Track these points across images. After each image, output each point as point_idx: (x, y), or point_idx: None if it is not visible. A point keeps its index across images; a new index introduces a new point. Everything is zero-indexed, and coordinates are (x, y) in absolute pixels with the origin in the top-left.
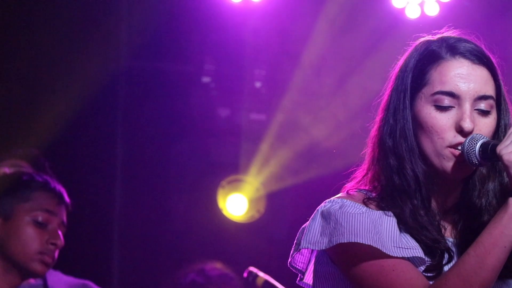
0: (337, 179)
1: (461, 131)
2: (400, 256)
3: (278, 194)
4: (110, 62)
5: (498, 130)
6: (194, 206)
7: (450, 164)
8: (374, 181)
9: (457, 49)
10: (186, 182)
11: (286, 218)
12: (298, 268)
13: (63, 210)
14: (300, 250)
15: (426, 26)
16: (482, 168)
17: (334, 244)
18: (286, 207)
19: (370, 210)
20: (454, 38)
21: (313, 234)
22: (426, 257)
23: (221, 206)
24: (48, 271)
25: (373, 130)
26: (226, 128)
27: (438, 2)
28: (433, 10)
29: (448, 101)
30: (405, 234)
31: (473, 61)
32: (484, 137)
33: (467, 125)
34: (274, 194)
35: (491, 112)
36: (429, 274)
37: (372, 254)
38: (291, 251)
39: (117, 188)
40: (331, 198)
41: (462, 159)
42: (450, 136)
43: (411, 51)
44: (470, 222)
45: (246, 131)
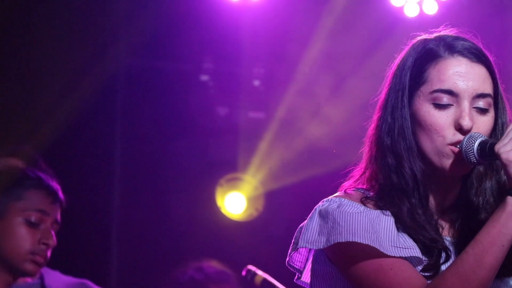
0: (335, 178)
1: (460, 129)
2: (397, 255)
3: (277, 192)
4: (109, 60)
5: (496, 128)
6: (193, 204)
7: (450, 161)
8: (372, 180)
9: (455, 47)
10: (184, 181)
11: (285, 216)
12: (296, 267)
13: (57, 209)
14: (297, 249)
15: (425, 24)
16: (479, 166)
17: (332, 243)
18: (285, 206)
19: (368, 209)
20: (451, 37)
21: (311, 233)
22: (423, 256)
23: (219, 204)
24: (45, 270)
25: (370, 128)
26: (225, 126)
27: (437, 0)
28: (431, 9)
29: (446, 99)
30: (402, 233)
31: (471, 59)
32: (482, 135)
33: (466, 123)
34: (273, 193)
35: (489, 110)
36: (426, 274)
37: (370, 253)
38: (289, 251)
39: (115, 186)
40: (329, 197)
41: (461, 157)
42: (449, 134)
43: (408, 50)
44: (467, 220)
45: (245, 130)
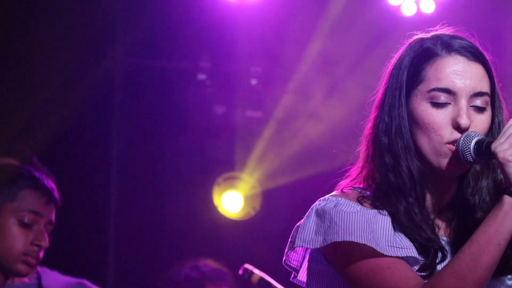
0: (332, 177)
1: (457, 128)
2: (394, 255)
3: (274, 191)
4: (106, 59)
5: (492, 127)
6: (190, 203)
7: (447, 160)
8: (369, 179)
9: (452, 45)
10: (181, 179)
11: (282, 215)
12: (293, 266)
13: (52, 209)
14: (294, 248)
15: (422, 23)
16: (476, 165)
17: (329, 242)
18: (282, 205)
19: (365, 208)
20: (448, 35)
21: (307, 233)
22: (419, 256)
23: (216, 203)
24: (43, 270)
25: (367, 128)
26: (222, 125)
27: None
28: (429, 8)
29: (444, 97)
30: (399, 233)
31: (468, 57)
32: (478, 134)
33: (464, 121)
34: (270, 192)
35: (487, 108)
36: (422, 273)
37: (366, 253)
38: (286, 250)
39: (112, 185)
40: (326, 196)
41: (458, 156)
42: (447, 132)
43: (405, 49)
44: (464, 220)
45: (242, 128)
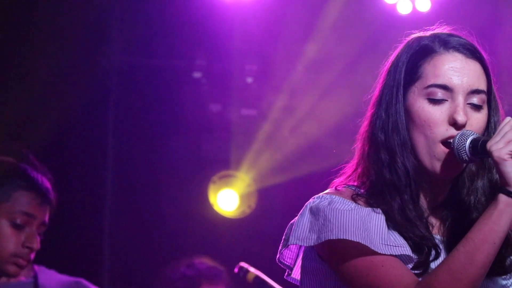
0: (329, 176)
1: (454, 124)
2: (388, 253)
3: (269, 189)
4: (101, 58)
5: (488, 126)
6: (185, 201)
7: (440, 163)
8: (363, 176)
9: (450, 43)
10: (177, 178)
11: (277, 213)
12: (286, 263)
13: (46, 210)
14: (288, 246)
15: (418, 22)
16: (471, 165)
17: (323, 240)
18: (277, 203)
19: (359, 206)
20: (446, 34)
21: (301, 230)
22: (413, 254)
23: (212, 201)
24: (40, 269)
25: (363, 126)
26: (217, 123)
27: None
28: (424, 6)
29: (441, 94)
30: (393, 231)
31: (466, 55)
32: (474, 133)
33: (461, 118)
34: (265, 190)
35: (483, 107)
36: (416, 271)
37: (361, 250)
38: (280, 247)
39: (108, 183)
40: (320, 194)
41: (452, 158)
42: (442, 129)
43: (403, 47)
44: (458, 219)
45: (237, 127)
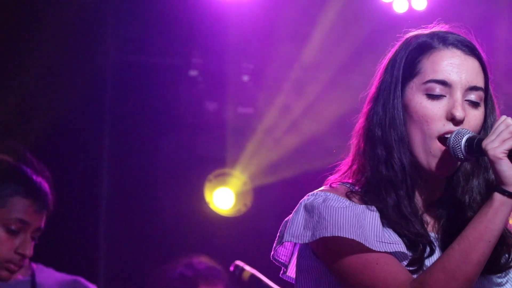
0: (325, 174)
1: (452, 119)
2: (383, 250)
3: (265, 188)
4: (97, 56)
5: (485, 125)
6: (181, 199)
7: (436, 160)
8: (358, 173)
9: (449, 39)
10: (173, 176)
11: (273, 212)
12: (281, 261)
13: (42, 216)
14: (283, 243)
15: (414, 20)
16: (466, 164)
17: (317, 237)
18: (273, 201)
19: (354, 204)
20: (444, 31)
21: (296, 227)
22: (408, 251)
23: (208, 199)
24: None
25: (359, 122)
26: (213, 121)
27: None
28: (420, 5)
29: (439, 89)
30: (387, 229)
31: (465, 51)
32: (469, 132)
33: (459, 113)
34: (261, 188)
35: (481, 104)
36: (410, 268)
37: (355, 248)
38: (274, 244)
39: (104, 181)
40: (314, 191)
41: (448, 156)
42: (439, 125)
43: (401, 44)
44: (453, 218)
45: (233, 125)
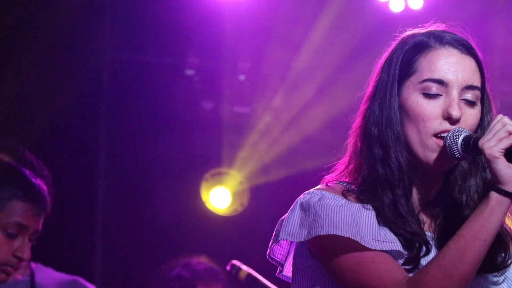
0: (321, 173)
1: (448, 118)
2: (379, 249)
3: (262, 187)
4: (94, 55)
5: (481, 124)
6: (178, 199)
7: (434, 155)
8: (355, 172)
9: (445, 38)
10: (169, 175)
11: (270, 211)
12: (277, 260)
13: (40, 220)
14: (279, 241)
15: (410, 19)
16: (463, 163)
17: (313, 236)
18: (270, 201)
19: (349, 202)
20: (441, 30)
21: (292, 226)
22: (404, 250)
23: (204, 199)
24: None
25: (356, 121)
26: (210, 121)
27: None
28: (416, 4)
29: (436, 88)
30: (383, 227)
31: (461, 50)
32: (466, 131)
33: (455, 112)
34: (258, 188)
35: (477, 103)
36: (406, 267)
37: (351, 246)
38: (270, 243)
39: (100, 181)
40: (310, 189)
41: (445, 152)
42: (435, 123)
43: (397, 43)
44: (449, 217)
45: (230, 124)
